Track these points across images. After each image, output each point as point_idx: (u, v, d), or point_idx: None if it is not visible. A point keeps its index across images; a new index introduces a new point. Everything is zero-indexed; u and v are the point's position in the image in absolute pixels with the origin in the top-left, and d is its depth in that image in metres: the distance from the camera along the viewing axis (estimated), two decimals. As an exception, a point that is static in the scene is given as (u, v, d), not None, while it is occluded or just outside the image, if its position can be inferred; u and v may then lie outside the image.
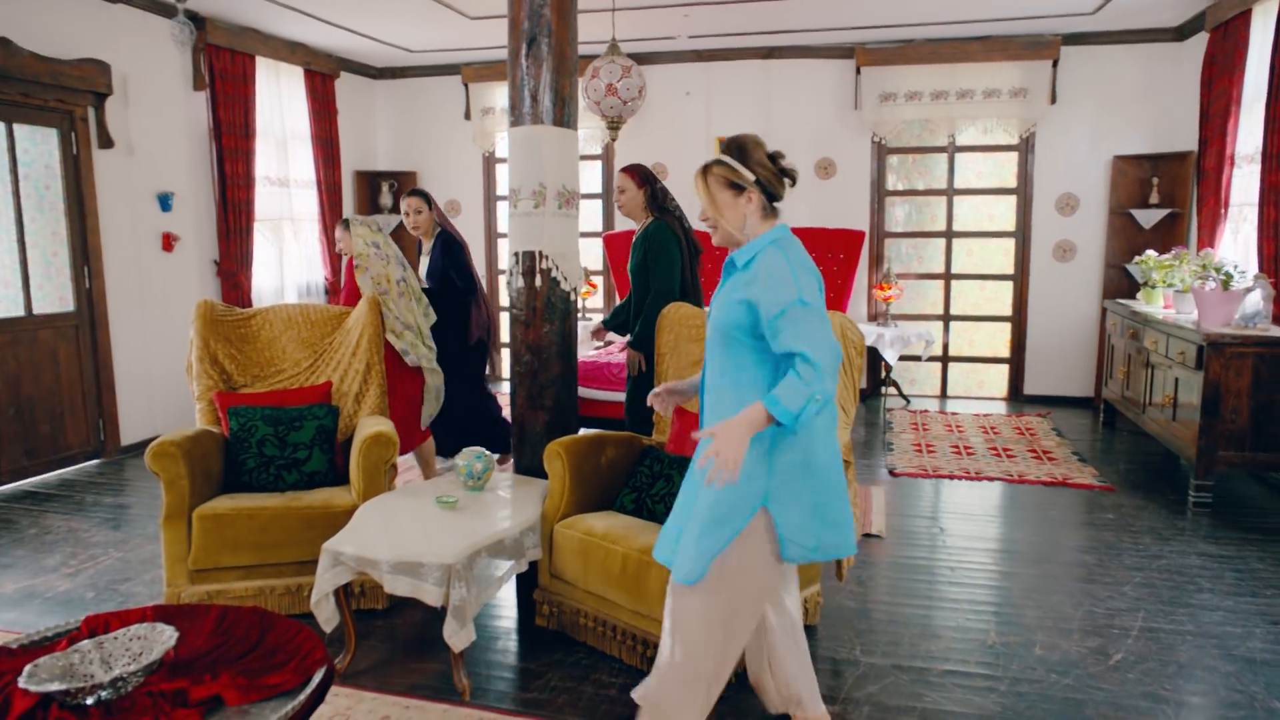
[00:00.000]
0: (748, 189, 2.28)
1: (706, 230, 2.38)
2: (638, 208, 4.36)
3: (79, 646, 2.04)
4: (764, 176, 2.29)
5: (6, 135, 5.19)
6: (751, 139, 2.33)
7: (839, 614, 3.51)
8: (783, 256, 2.20)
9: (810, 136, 7.72)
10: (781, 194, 2.33)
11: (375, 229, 4.70)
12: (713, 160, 2.33)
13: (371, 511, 3.15)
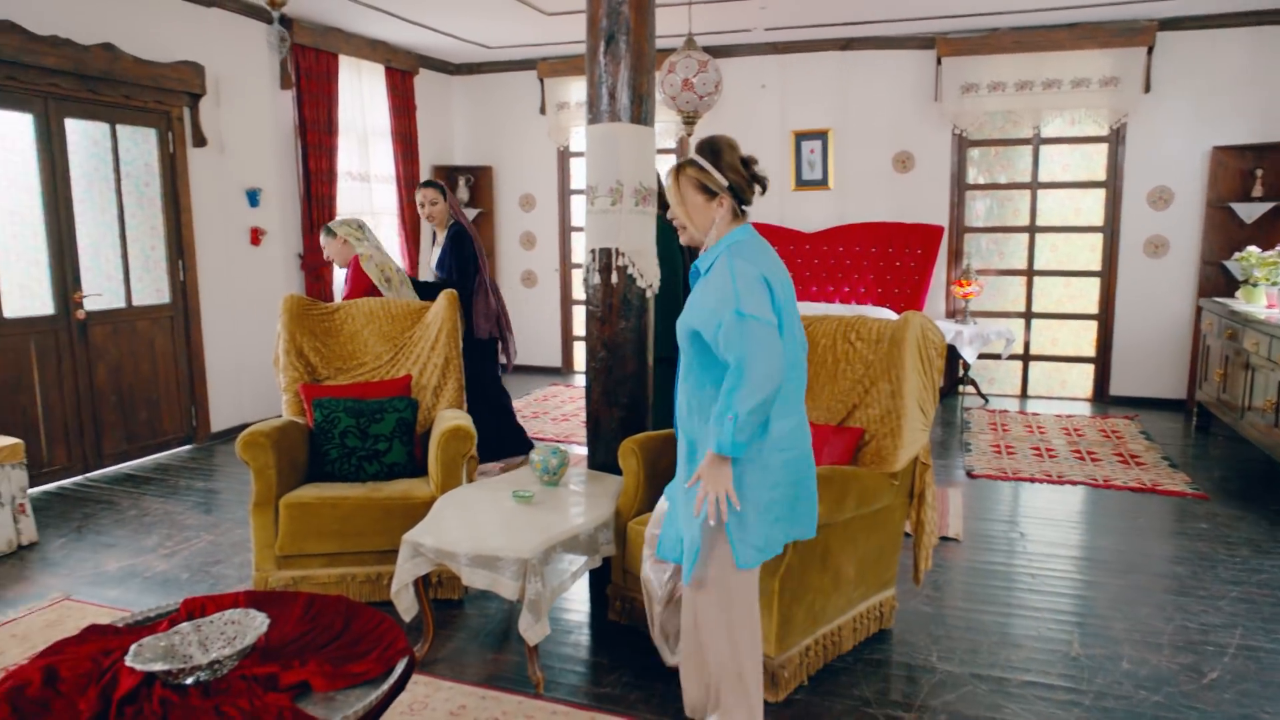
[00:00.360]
0: (720, 194, 2.33)
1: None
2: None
3: (179, 629, 2.13)
4: (735, 182, 2.33)
5: (110, 136, 5.44)
6: (726, 141, 2.37)
7: (914, 619, 3.45)
8: (730, 265, 2.24)
9: (888, 129, 7.57)
10: (751, 200, 2.38)
11: (356, 226, 4.82)
12: (686, 160, 2.36)
13: (449, 504, 3.22)
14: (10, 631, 3.35)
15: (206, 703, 1.92)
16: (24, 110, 4.95)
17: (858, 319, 3.47)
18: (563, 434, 6.52)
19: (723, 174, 2.32)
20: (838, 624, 3.09)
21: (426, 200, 5.17)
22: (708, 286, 2.29)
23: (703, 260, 2.38)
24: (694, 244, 2.42)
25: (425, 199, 5.18)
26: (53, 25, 4.99)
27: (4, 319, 4.90)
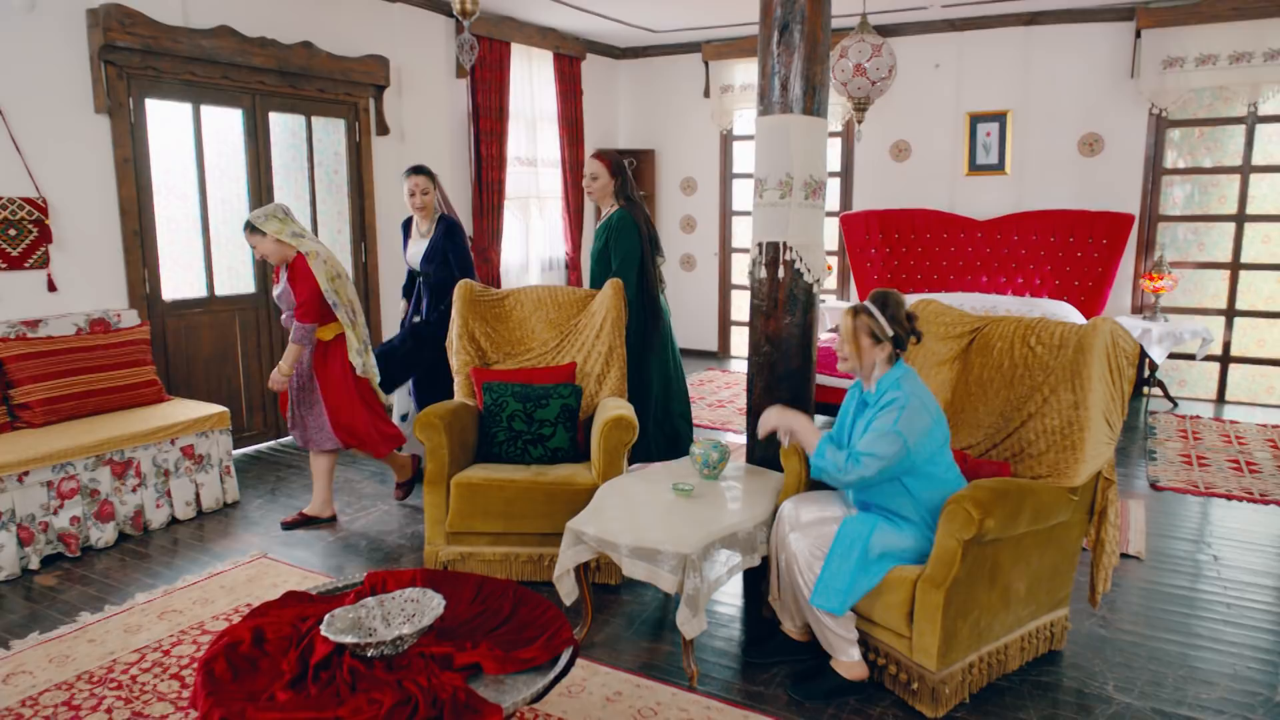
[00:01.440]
0: (884, 340, 2.83)
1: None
2: (608, 195, 4.51)
3: (364, 603, 2.29)
4: (899, 334, 2.84)
5: (305, 127, 5.85)
6: (895, 296, 2.87)
7: (1088, 642, 3.25)
8: (906, 392, 2.79)
9: (1074, 110, 7.06)
10: (906, 348, 2.87)
11: (283, 216, 4.17)
12: (861, 307, 2.88)
13: (611, 493, 3.29)
14: (219, 583, 3.71)
15: (389, 676, 2.05)
16: (235, 106, 5.40)
17: (1039, 322, 3.28)
18: (718, 420, 6.53)
19: (889, 326, 2.82)
20: (1004, 642, 2.96)
21: (418, 189, 4.73)
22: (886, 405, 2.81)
23: (871, 395, 2.91)
24: (851, 373, 2.96)
25: (418, 187, 4.72)
26: (261, 27, 5.40)
27: (215, 297, 5.40)
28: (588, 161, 4.54)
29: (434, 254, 4.80)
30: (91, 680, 2.95)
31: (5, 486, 3.77)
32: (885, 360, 2.87)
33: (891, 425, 2.75)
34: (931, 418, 2.80)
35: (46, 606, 3.54)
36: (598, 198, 4.56)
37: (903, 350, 2.88)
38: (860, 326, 2.86)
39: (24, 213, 4.43)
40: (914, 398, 2.78)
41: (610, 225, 4.47)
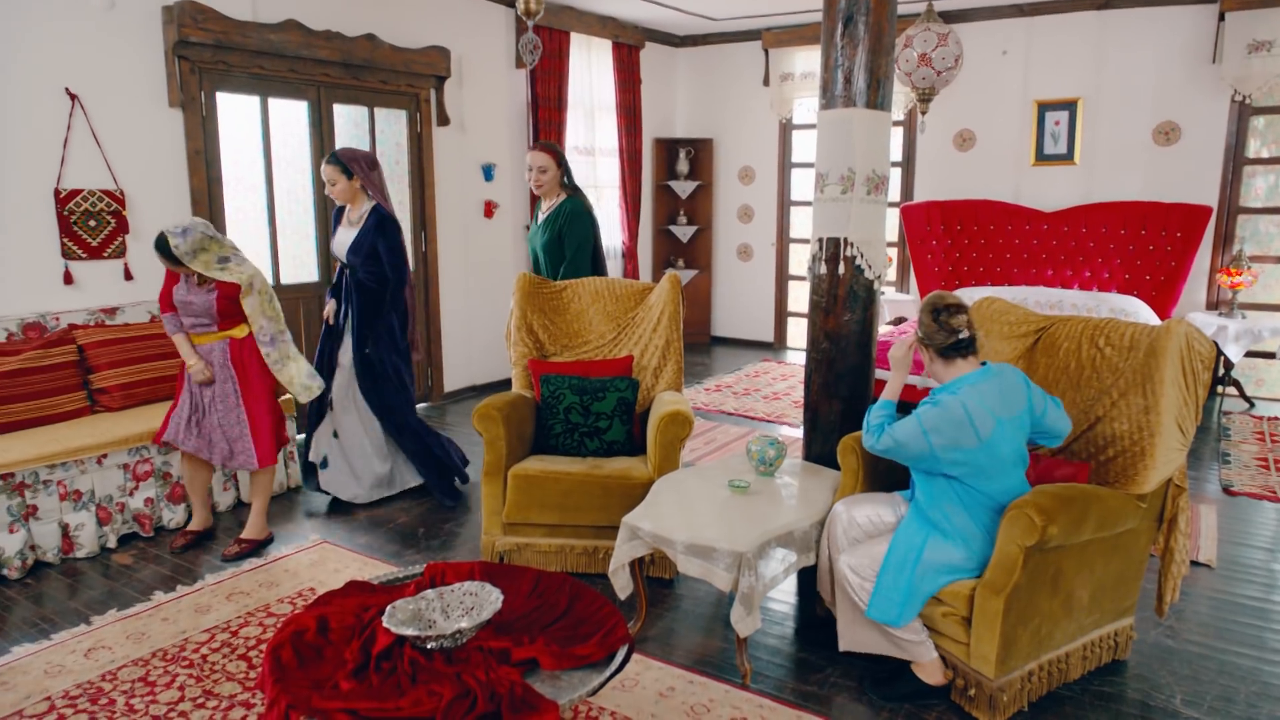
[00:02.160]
0: (923, 347, 2.83)
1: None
2: (555, 186, 4.60)
3: (424, 595, 2.34)
4: (929, 336, 2.78)
5: (369, 118, 5.95)
6: (930, 300, 2.82)
7: (1153, 652, 3.17)
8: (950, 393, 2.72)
9: (1149, 97, 6.81)
10: (959, 348, 2.77)
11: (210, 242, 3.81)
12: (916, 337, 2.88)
13: (666, 489, 3.30)
14: (283, 566, 3.82)
15: (449, 669, 2.10)
16: (301, 98, 5.51)
17: (1108, 322, 3.18)
18: (774, 413, 6.49)
19: (920, 331, 2.81)
20: (1065, 650, 2.90)
21: (326, 179, 4.35)
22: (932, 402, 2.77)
23: (942, 389, 2.81)
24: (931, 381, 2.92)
25: (326, 177, 4.34)
26: (326, 21, 5.50)
27: (281, 286, 5.53)
28: (533, 155, 4.57)
29: (360, 246, 4.35)
30: (165, 658, 3.06)
31: (86, 468, 3.93)
32: (941, 364, 2.80)
33: (917, 415, 2.72)
34: (980, 440, 2.66)
35: (123, 584, 3.68)
36: (545, 190, 4.61)
37: (959, 355, 2.77)
38: (921, 352, 2.88)
39: (103, 204, 4.59)
40: (962, 405, 2.66)
41: (562, 214, 4.57)
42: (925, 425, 2.69)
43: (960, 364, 2.78)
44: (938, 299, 2.81)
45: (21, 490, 3.73)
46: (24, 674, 2.97)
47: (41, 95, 4.35)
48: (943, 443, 2.67)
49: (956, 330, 2.75)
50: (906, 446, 2.73)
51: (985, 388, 2.71)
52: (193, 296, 3.86)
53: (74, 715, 2.73)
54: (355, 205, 4.43)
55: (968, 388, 2.71)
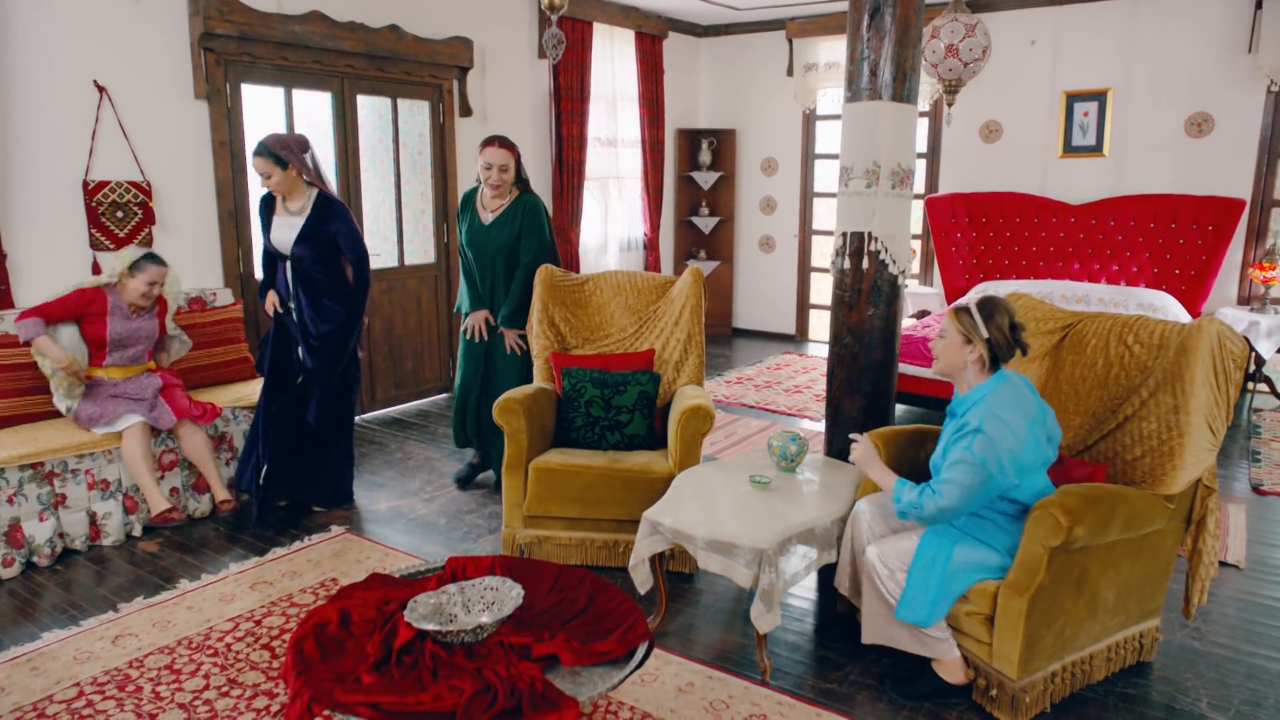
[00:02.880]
0: (975, 343, 2.70)
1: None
2: (510, 183, 4.41)
3: (446, 589, 2.35)
4: (997, 340, 2.69)
5: (391, 109, 5.96)
6: (1003, 305, 2.73)
7: (1179, 655, 3.13)
8: (984, 413, 2.63)
9: (1182, 88, 6.69)
10: (1007, 360, 2.73)
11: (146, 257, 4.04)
12: (964, 308, 2.74)
13: (687, 483, 3.29)
14: (306, 557, 3.86)
15: (469, 664, 2.11)
16: (325, 90, 5.52)
17: (1136, 319, 3.13)
18: (795, 407, 6.46)
19: (987, 329, 2.69)
20: (1089, 651, 2.87)
21: (260, 172, 3.98)
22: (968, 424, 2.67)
23: (959, 406, 2.77)
24: (941, 374, 2.83)
25: (259, 169, 3.98)
26: (350, 12, 5.50)
27: (304, 276, 5.56)
28: (494, 153, 4.29)
29: (308, 236, 4.01)
30: (190, 646, 3.10)
31: (113, 458, 3.98)
32: (978, 367, 2.73)
33: (968, 451, 2.63)
34: (1018, 440, 2.64)
35: (149, 572, 3.73)
36: (503, 189, 4.37)
37: (1003, 360, 2.73)
38: (954, 324, 2.75)
39: (130, 195, 4.63)
40: (994, 419, 2.61)
41: (523, 212, 4.39)
42: (979, 455, 2.61)
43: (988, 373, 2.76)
44: (1011, 310, 2.75)
45: (51, 479, 3.79)
46: (54, 659, 3.01)
47: (70, 88, 4.39)
48: (997, 462, 2.62)
49: (1024, 346, 2.74)
50: (969, 488, 2.62)
51: (1004, 391, 2.70)
52: (137, 323, 4.06)
53: (102, 701, 2.77)
54: (294, 196, 4.06)
55: (991, 397, 2.68)
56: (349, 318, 4.15)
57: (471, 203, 4.51)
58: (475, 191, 4.53)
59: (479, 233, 4.43)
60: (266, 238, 4.14)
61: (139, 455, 3.94)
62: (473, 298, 4.52)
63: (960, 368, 2.76)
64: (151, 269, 4.03)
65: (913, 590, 2.72)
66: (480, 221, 4.43)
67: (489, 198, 4.43)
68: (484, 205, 4.46)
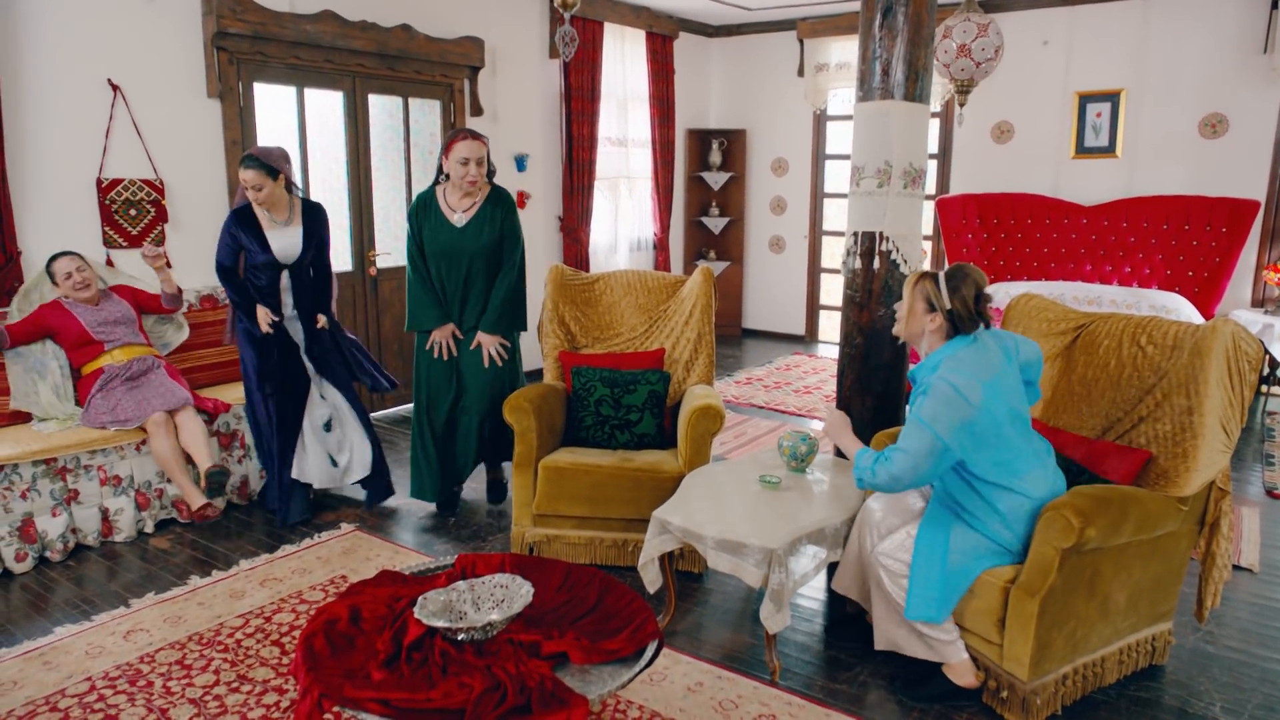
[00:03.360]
0: (938, 311, 2.67)
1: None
2: (483, 178, 4.08)
3: (455, 586, 2.35)
4: (958, 310, 2.66)
5: (403, 108, 5.97)
6: (974, 275, 2.69)
7: (1192, 658, 3.11)
8: (936, 378, 2.60)
9: (1195, 89, 6.65)
10: (969, 331, 2.68)
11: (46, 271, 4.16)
12: (928, 274, 2.72)
13: (697, 483, 3.29)
14: (316, 554, 3.87)
15: (479, 661, 2.11)
16: (336, 89, 5.54)
17: (1150, 320, 3.11)
18: (805, 407, 6.45)
19: (950, 300, 2.65)
20: (1101, 654, 2.85)
21: (250, 184, 3.92)
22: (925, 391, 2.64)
23: (918, 370, 2.74)
24: (902, 338, 2.84)
25: (248, 183, 3.92)
26: (362, 11, 5.52)
27: (315, 274, 5.58)
28: (469, 146, 3.93)
29: (310, 242, 4.16)
30: (201, 641, 3.12)
31: (125, 454, 4.01)
32: (937, 334, 2.70)
33: (916, 416, 2.59)
34: (974, 407, 2.55)
35: (160, 568, 3.75)
36: (478, 184, 4.03)
37: (961, 330, 2.68)
38: (919, 291, 2.73)
39: (143, 194, 4.66)
40: (946, 382, 2.56)
41: (501, 208, 4.08)
42: (925, 419, 2.57)
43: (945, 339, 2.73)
44: (980, 281, 2.70)
45: (64, 475, 3.81)
46: (66, 654, 3.03)
47: (85, 86, 4.42)
48: (947, 428, 2.55)
49: (985, 319, 2.71)
50: (918, 453, 2.57)
51: (962, 356, 2.64)
52: (104, 308, 4.17)
53: (114, 696, 2.78)
54: (279, 207, 4.07)
55: (947, 360, 2.63)
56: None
57: (432, 205, 4.08)
58: (431, 194, 4.12)
59: (450, 237, 4.03)
60: (253, 255, 4.03)
61: (167, 451, 3.99)
62: (435, 312, 4.11)
63: (916, 334, 2.77)
64: (58, 262, 4.14)
65: (918, 586, 2.71)
66: (450, 224, 4.04)
67: (458, 197, 4.07)
68: (451, 206, 4.08)
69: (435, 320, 4.12)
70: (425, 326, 4.14)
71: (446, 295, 4.14)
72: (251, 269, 4.08)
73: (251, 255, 4.04)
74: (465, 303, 4.15)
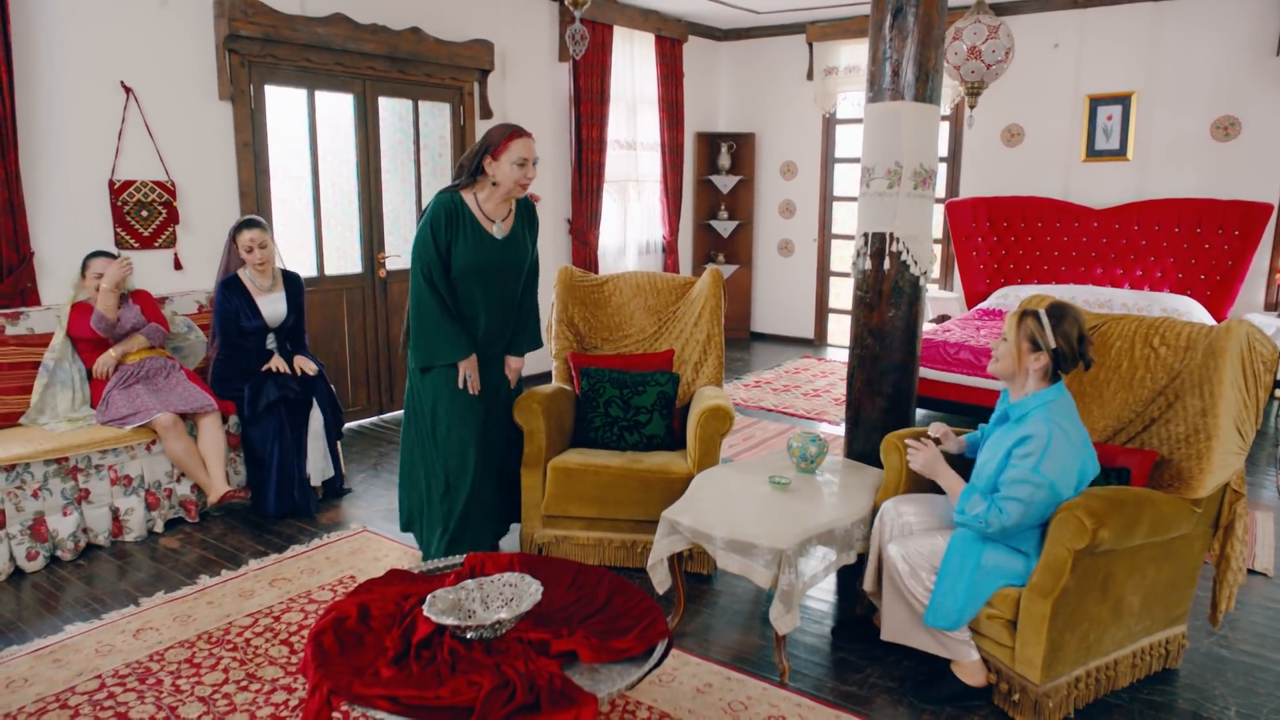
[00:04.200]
0: (1043, 350, 2.65)
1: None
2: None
3: (464, 584, 2.35)
4: (1062, 349, 2.64)
5: (413, 111, 5.99)
6: (1075, 313, 2.69)
7: (1206, 662, 3.08)
8: (1047, 423, 2.58)
9: (1207, 91, 6.62)
10: (1069, 370, 2.68)
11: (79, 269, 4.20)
12: (1032, 312, 2.69)
13: (706, 484, 3.27)
14: (325, 554, 3.87)
15: (488, 659, 2.10)
16: (347, 91, 5.56)
17: (1163, 321, 3.09)
18: (814, 410, 6.43)
19: (1054, 338, 2.64)
20: (1114, 657, 2.83)
21: (256, 244, 4.30)
22: (1022, 432, 2.62)
23: (1015, 410, 2.72)
24: (998, 375, 2.79)
25: (255, 242, 4.30)
26: (372, 14, 5.54)
27: (325, 276, 5.60)
28: (528, 143, 3.34)
29: (295, 306, 4.50)
30: (210, 640, 3.12)
31: (136, 454, 4.02)
32: (1039, 374, 2.68)
33: (1032, 469, 2.55)
34: (1077, 455, 2.61)
35: (170, 567, 3.76)
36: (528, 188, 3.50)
37: (1064, 372, 2.69)
38: (1024, 330, 2.69)
39: (155, 195, 4.68)
40: (1057, 431, 2.57)
41: (532, 214, 3.62)
42: (1050, 478, 2.55)
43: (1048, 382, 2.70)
44: (1082, 320, 2.69)
45: (75, 474, 3.82)
46: (76, 652, 3.04)
47: (98, 88, 4.44)
48: (1060, 475, 2.57)
49: (1088, 360, 2.70)
50: (1036, 505, 2.56)
51: (1063, 404, 2.67)
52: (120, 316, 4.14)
53: (124, 694, 2.79)
54: (267, 272, 4.41)
55: (1054, 407, 2.63)
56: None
57: (464, 215, 3.38)
58: (459, 201, 3.39)
59: (492, 252, 3.42)
60: (247, 320, 4.34)
61: (181, 451, 4.05)
62: (464, 340, 3.42)
63: (1020, 372, 2.72)
64: (94, 263, 4.15)
65: (941, 595, 2.70)
66: (490, 236, 3.41)
67: (496, 205, 3.41)
68: (488, 216, 3.42)
69: (465, 350, 3.42)
70: (453, 359, 3.41)
71: (485, 319, 3.52)
72: (240, 334, 4.38)
73: (244, 321, 4.35)
74: (502, 328, 3.58)
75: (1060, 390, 2.68)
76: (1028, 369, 2.69)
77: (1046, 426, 2.58)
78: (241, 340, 4.37)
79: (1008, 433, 2.69)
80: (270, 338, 4.48)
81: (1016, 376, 2.73)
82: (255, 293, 4.39)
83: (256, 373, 4.34)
